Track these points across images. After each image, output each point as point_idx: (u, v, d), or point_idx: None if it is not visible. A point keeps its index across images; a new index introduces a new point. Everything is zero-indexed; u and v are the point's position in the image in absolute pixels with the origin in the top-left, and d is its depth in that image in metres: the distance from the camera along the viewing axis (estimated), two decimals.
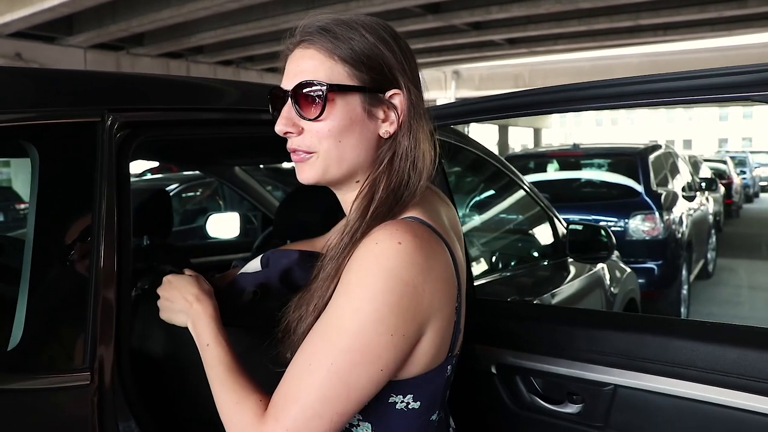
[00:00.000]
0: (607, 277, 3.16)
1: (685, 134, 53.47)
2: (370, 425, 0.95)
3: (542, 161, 6.60)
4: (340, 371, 0.85)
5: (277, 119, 0.97)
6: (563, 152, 6.75)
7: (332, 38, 0.93)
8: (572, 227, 2.76)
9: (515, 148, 30.28)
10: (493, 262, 2.97)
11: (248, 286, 1.21)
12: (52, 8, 11.54)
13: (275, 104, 0.99)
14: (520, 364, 1.57)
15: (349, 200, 0.99)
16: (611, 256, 2.91)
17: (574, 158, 6.36)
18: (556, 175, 6.36)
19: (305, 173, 0.97)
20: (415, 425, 0.96)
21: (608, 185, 5.91)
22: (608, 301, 3.12)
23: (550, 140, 42.83)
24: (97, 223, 1.10)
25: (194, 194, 5.97)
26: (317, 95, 0.92)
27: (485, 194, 3.46)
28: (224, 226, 3.06)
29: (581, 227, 2.81)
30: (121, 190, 1.14)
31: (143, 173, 7.18)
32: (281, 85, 0.97)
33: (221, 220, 3.12)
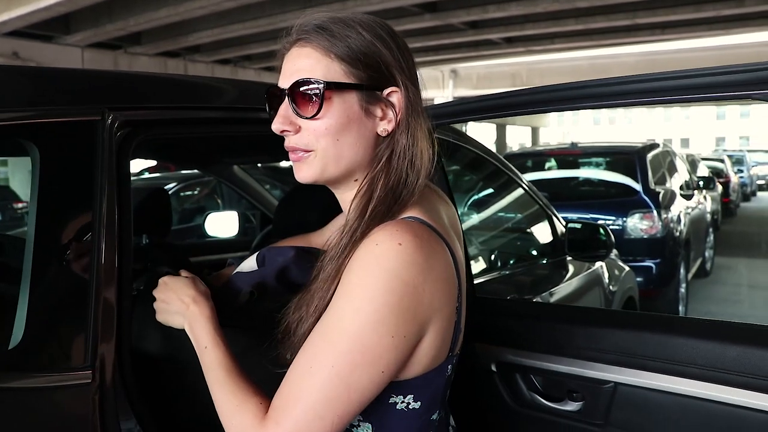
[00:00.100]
0: (605, 275, 3.16)
1: (682, 133, 53.53)
2: (370, 425, 0.94)
3: (540, 160, 6.61)
4: (341, 373, 0.84)
5: (274, 118, 0.96)
6: (562, 151, 6.75)
7: (329, 36, 0.93)
8: (571, 226, 2.76)
9: (513, 146, 30.27)
10: (492, 260, 2.97)
11: (244, 286, 1.20)
12: (48, 7, 11.50)
13: (272, 103, 0.98)
14: (520, 362, 1.57)
15: (347, 199, 0.99)
16: (610, 254, 2.92)
17: (572, 157, 6.37)
18: (554, 173, 6.36)
19: (303, 172, 0.96)
20: (415, 425, 0.96)
21: (606, 184, 5.92)
22: (607, 299, 3.13)
23: (547, 139, 42.85)
24: (97, 221, 1.10)
25: (192, 193, 5.97)
26: (314, 93, 0.91)
27: (484, 193, 3.47)
28: (223, 224, 3.05)
29: (580, 226, 2.81)
30: (121, 188, 1.14)
31: (141, 172, 7.17)
32: (278, 83, 0.97)
33: (220, 218, 3.11)
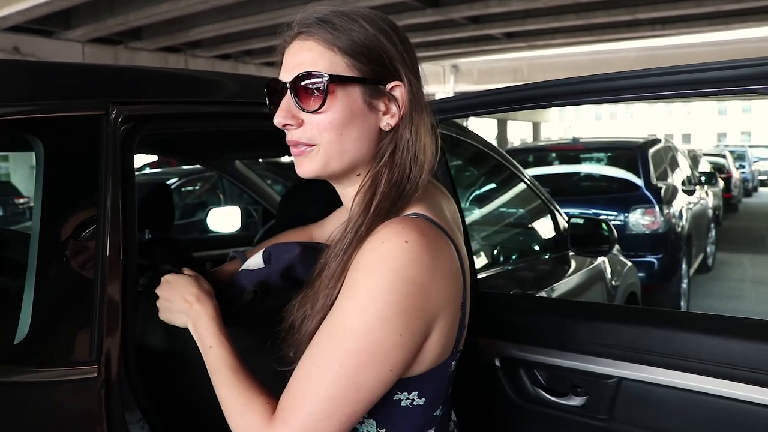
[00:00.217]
0: (608, 270, 3.16)
1: (684, 128, 53.34)
2: (375, 422, 0.94)
3: (542, 155, 6.59)
4: (348, 372, 0.84)
5: (274, 113, 0.95)
6: (563, 146, 6.74)
7: (331, 29, 0.91)
8: (573, 221, 2.76)
9: (514, 142, 30.24)
10: (494, 255, 2.96)
11: (248, 284, 1.20)
12: (49, 2, 11.48)
13: (272, 97, 0.97)
14: (523, 356, 1.57)
15: (349, 194, 0.98)
16: (612, 249, 2.92)
17: (574, 152, 6.36)
18: (556, 169, 6.35)
19: (305, 166, 0.95)
20: (419, 421, 0.96)
21: (608, 179, 5.90)
22: (609, 294, 3.12)
23: (548, 134, 42.75)
24: (102, 216, 1.10)
25: (194, 188, 5.96)
26: (317, 87, 0.90)
27: (486, 187, 3.46)
28: (225, 219, 3.05)
29: (582, 221, 2.81)
30: (125, 183, 1.14)
31: (142, 167, 7.16)
32: (279, 77, 0.95)
33: (222, 213, 3.11)
